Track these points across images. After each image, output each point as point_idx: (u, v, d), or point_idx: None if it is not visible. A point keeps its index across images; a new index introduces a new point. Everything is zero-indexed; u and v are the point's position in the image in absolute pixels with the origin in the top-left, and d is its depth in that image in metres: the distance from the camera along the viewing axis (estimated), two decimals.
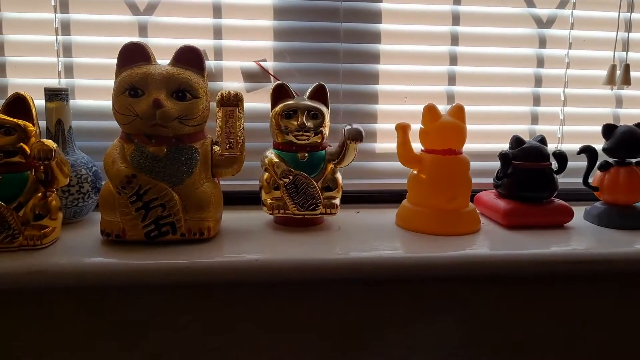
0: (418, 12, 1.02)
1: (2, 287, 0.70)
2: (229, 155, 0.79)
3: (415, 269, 0.76)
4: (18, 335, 0.74)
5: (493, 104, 1.07)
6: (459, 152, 0.86)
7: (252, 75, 0.99)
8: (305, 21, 0.99)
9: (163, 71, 0.74)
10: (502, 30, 1.05)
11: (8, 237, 0.71)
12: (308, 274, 0.74)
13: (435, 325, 0.82)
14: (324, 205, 0.85)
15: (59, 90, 0.84)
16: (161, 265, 0.71)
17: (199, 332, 0.77)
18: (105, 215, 0.76)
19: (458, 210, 0.85)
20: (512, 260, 0.78)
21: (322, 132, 0.85)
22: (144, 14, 0.95)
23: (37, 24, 0.94)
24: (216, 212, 0.80)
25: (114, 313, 0.75)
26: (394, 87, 1.04)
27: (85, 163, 0.86)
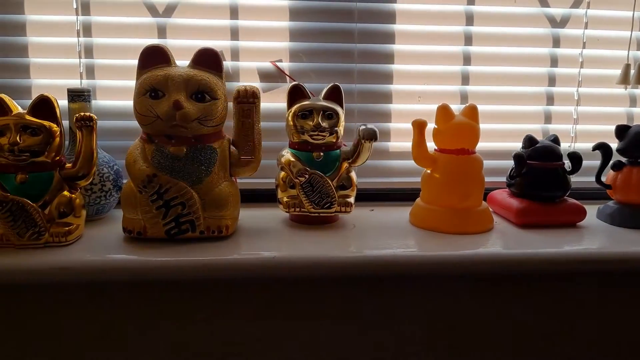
0: (432, 12, 1.03)
1: (29, 283, 0.73)
2: (247, 159, 0.81)
3: (429, 267, 0.77)
4: (43, 329, 0.77)
5: (506, 104, 1.08)
6: (472, 151, 0.87)
7: (268, 76, 1.01)
8: (320, 22, 1.01)
9: (183, 73, 0.76)
10: (516, 30, 1.05)
11: (34, 234, 0.74)
12: (324, 271, 0.76)
13: (449, 324, 0.83)
14: (339, 203, 0.87)
15: (81, 91, 0.86)
16: (181, 262, 0.73)
17: (217, 327, 0.79)
18: (127, 213, 0.78)
19: (471, 209, 0.87)
20: (525, 259, 0.79)
21: (337, 132, 0.87)
22: (163, 16, 0.97)
23: (60, 27, 0.96)
24: (234, 210, 0.82)
25: (135, 308, 0.78)
26: (408, 86, 1.05)
27: (107, 162, 0.88)
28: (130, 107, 0.96)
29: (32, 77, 0.97)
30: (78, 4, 0.96)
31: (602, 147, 0.94)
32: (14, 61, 0.96)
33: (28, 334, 0.77)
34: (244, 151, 0.81)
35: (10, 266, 0.71)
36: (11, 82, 0.96)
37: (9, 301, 0.76)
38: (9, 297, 0.76)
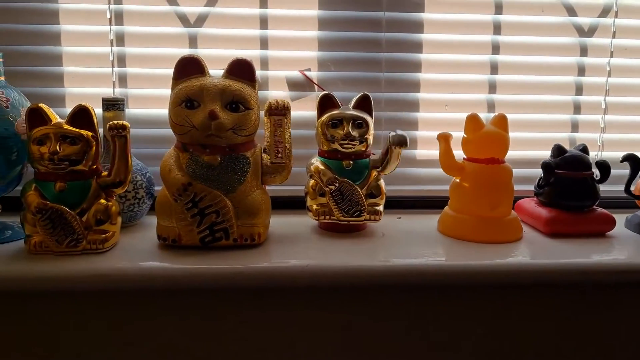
0: (459, 22, 1.04)
1: (68, 289, 0.74)
2: (278, 163, 0.82)
3: (458, 276, 0.78)
4: (80, 335, 0.78)
5: (533, 112, 1.08)
6: (502, 161, 0.87)
7: (297, 85, 1.02)
8: (348, 31, 1.02)
9: (218, 84, 0.77)
10: (544, 39, 1.06)
11: (73, 242, 0.75)
12: (356, 280, 0.76)
13: (477, 333, 0.83)
14: (368, 211, 0.87)
15: (115, 100, 0.88)
16: (216, 269, 0.74)
17: (249, 335, 0.80)
18: (161, 221, 0.80)
19: (500, 218, 0.87)
20: (555, 269, 0.79)
21: (366, 141, 0.87)
22: (194, 26, 0.99)
23: (94, 36, 0.98)
24: (265, 218, 0.83)
25: (169, 315, 0.79)
26: (435, 95, 1.05)
27: (140, 170, 0.90)
28: (162, 115, 0.99)
29: (66, 85, 0.99)
30: (112, 14, 0.98)
31: (630, 158, 0.94)
32: (49, 70, 0.98)
33: (65, 340, 0.78)
34: (275, 155, 0.82)
35: (49, 273, 0.72)
36: (46, 91, 0.98)
37: (47, 307, 0.77)
38: (47, 303, 0.77)
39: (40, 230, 0.75)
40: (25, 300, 0.77)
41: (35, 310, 0.77)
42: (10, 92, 0.82)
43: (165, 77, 0.91)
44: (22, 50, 0.97)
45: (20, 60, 0.96)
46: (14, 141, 0.80)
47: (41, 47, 0.98)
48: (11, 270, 0.73)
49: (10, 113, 0.80)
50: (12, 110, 0.80)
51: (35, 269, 0.73)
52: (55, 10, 0.97)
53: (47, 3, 0.97)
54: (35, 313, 0.77)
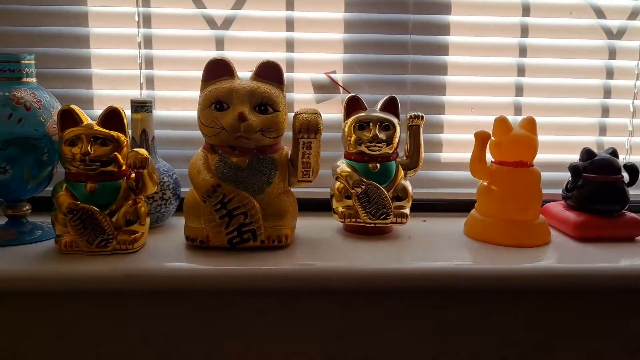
0: (486, 24, 1.03)
1: (99, 289, 0.75)
2: (305, 181, 0.82)
3: (485, 280, 0.77)
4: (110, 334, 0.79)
5: (560, 115, 1.07)
6: (531, 164, 0.87)
7: (322, 87, 1.02)
8: (374, 34, 1.02)
9: (247, 86, 0.77)
10: (572, 41, 1.05)
11: (103, 242, 0.76)
12: (383, 282, 0.76)
13: (504, 337, 0.83)
14: (394, 214, 0.87)
15: (144, 102, 0.89)
16: (244, 271, 0.74)
17: (276, 335, 0.80)
18: (189, 222, 0.80)
19: (529, 222, 0.86)
20: (584, 273, 0.78)
21: (393, 143, 0.87)
22: (221, 29, 1.00)
23: (122, 39, 0.99)
24: (292, 220, 0.83)
25: (197, 316, 0.79)
26: (461, 97, 1.05)
27: (167, 171, 0.90)
28: (188, 117, 1.00)
29: (94, 87, 1.00)
30: (140, 17, 0.99)
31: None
32: (78, 72, 1.00)
33: (94, 339, 0.79)
34: (302, 175, 0.81)
35: (79, 273, 0.73)
36: (75, 93, 1.00)
37: (77, 307, 0.78)
38: (77, 303, 0.78)
39: (71, 230, 0.76)
40: (56, 300, 0.78)
41: (65, 309, 0.78)
42: (42, 94, 0.83)
43: (192, 80, 0.92)
44: (52, 53, 0.98)
45: (50, 62, 0.98)
46: (44, 142, 0.81)
47: (71, 49, 0.99)
48: (42, 270, 0.74)
49: (42, 114, 0.81)
50: (44, 111, 0.81)
51: (66, 268, 0.74)
52: (84, 13, 0.98)
53: (77, 6, 0.98)
54: (65, 312, 0.78)
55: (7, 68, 0.80)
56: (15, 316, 0.78)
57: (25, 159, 0.80)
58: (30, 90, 0.82)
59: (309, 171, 0.82)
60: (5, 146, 0.78)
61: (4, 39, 0.98)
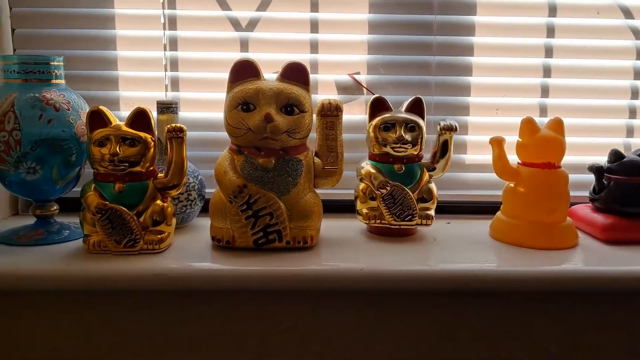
0: (512, 24, 1.02)
1: (126, 289, 0.76)
2: (331, 169, 0.82)
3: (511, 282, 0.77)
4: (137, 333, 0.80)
5: (587, 116, 1.06)
6: (558, 165, 0.86)
7: (346, 88, 1.02)
8: (398, 35, 1.02)
9: (273, 87, 0.78)
10: (599, 42, 1.04)
11: (130, 242, 0.77)
12: (409, 284, 0.76)
13: (530, 340, 0.82)
14: (419, 216, 0.87)
15: (169, 103, 0.89)
16: (270, 271, 0.74)
17: (301, 337, 0.80)
18: (215, 222, 0.81)
19: (556, 224, 0.85)
20: (613, 276, 0.77)
21: (418, 144, 0.87)
22: (246, 30, 1.00)
23: (147, 41, 1.00)
24: (318, 221, 0.83)
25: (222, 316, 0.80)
26: (486, 98, 1.04)
27: (192, 172, 0.91)
28: (212, 118, 1.00)
29: (120, 89, 1.01)
30: (165, 19, 0.99)
31: None
32: (105, 74, 1.01)
33: (122, 338, 0.80)
34: (327, 161, 0.82)
35: (107, 272, 0.74)
36: (101, 94, 1.01)
37: (105, 306, 0.79)
38: (105, 302, 0.79)
39: (99, 230, 0.77)
40: (83, 299, 0.78)
41: (93, 308, 0.79)
42: (71, 95, 0.84)
43: (216, 81, 0.92)
44: (80, 55, 0.99)
45: (78, 64, 0.99)
46: (72, 143, 0.82)
47: (98, 51, 1.00)
48: (70, 270, 0.75)
49: (70, 115, 0.82)
50: (72, 112, 0.82)
51: (94, 268, 0.74)
52: (111, 16, 0.99)
53: (104, 8, 0.99)
54: (92, 311, 0.79)
55: (37, 70, 0.81)
56: (44, 315, 0.79)
57: (53, 160, 0.81)
58: (60, 92, 0.83)
59: (334, 155, 0.82)
60: (35, 147, 0.79)
61: (34, 41, 0.99)
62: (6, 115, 0.78)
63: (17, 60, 0.82)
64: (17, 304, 0.79)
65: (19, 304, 0.79)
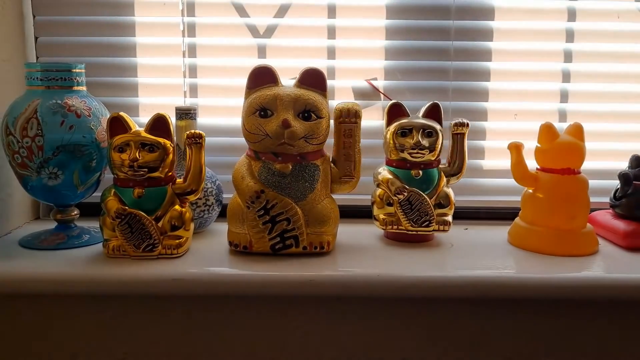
0: (530, 29, 1.02)
1: (145, 293, 0.77)
2: (347, 180, 0.83)
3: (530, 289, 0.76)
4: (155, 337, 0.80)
5: (606, 122, 1.04)
6: (578, 171, 0.85)
7: (363, 94, 1.02)
8: (416, 40, 1.02)
9: (291, 93, 0.78)
10: (619, 46, 1.02)
11: (149, 246, 0.78)
12: (427, 290, 0.76)
13: (549, 348, 0.81)
14: (436, 222, 0.86)
15: (188, 109, 0.90)
16: (287, 277, 0.75)
17: (317, 342, 0.81)
18: (233, 228, 0.81)
19: (576, 231, 0.84)
20: (632, 284, 0.76)
21: (436, 150, 0.87)
22: (264, 37, 1.01)
23: (167, 48, 1.02)
24: (334, 226, 0.83)
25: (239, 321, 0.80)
26: (504, 104, 1.04)
27: (210, 177, 0.91)
28: (230, 124, 1.01)
29: (139, 95, 1.02)
30: (184, 26, 1.01)
31: None
32: (125, 80, 1.02)
33: (140, 342, 0.80)
34: (344, 170, 0.82)
35: (126, 276, 0.75)
36: (121, 100, 1.02)
37: (124, 310, 0.80)
38: (124, 306, 0.80)
39: (118, 235, 0.77)
40: (102, 303, 0.80)
41: (112, 312, 0.80)
42: (91, 102, 0.85)
43: (234, 87, 0.93)
44: (101, 62, 1.01)
45: (98, 71, 1.00)
46: (92, 148, 0.83)
47: (118, 58, 1.01)
48: (90, 274, 0.76)
49: (91, 121, 0.83)
50: (93, 118, 0.83)
51: (113, 272, 0.75)
52: (131, 23, 1.00)
53: (125, 16, 1.00)
54: (111, 315, 0.80)
55: (59, 77, 0.83)
56: (63, 318, 0.80)
57: (74, 165, 0.82)
58: (81, 98, 0.84)
59: (351, 164, 0.82)
60: (57, 152, 0.80)
61: (56, 49, 1.01)
62: (29, 122, 0.80)
63: (40, 67, 0.83)
64: (37, 308, 0.80)
65: (39, 307, 0.80)
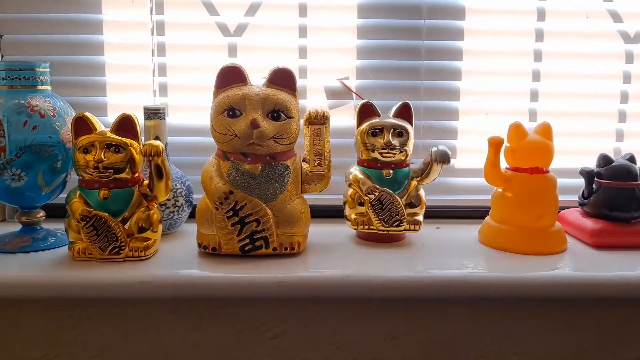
0: (500, 29, 1.02)
1: (111, 296, 0.75)
2: (318, 171, 0.82)
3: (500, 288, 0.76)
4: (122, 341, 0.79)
5: (576, 121, 1.06)
6: (547, 170, 0.86)
7: (336, 93, 1.02)
8: (387, 39, 1.01)
9: (259, 92, 0.77)
10: (588, 46, 1.04)
11: (115, 249, 0.76)
12: (397, 290, 0.76)
13: (520, 346, 0.81)
14: (407, 221, 0.86)
15: (157, 109, 0.89)
16: (257, 278, 0.74)
17: (288, 345, 0.80)
18: (202, 229, 0.80)
19: (545, 230, 0.85)
20: (600, 282, 0.77)
21: (406, 150, 0.87)
22: (234, 36, 1.00)
23: (135, 46, 1.00)
24: (305, 227, 0.82)
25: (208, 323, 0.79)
26: (475, 103, 1.04)
27: (180, 178, 0.90)
28: (201, 124, 1.00)
29: (107, 95, 1.01)
30: (153, 24, 0.99)
31: None
32: (92, 80, 1.00)
33: (107, 347, 0.79)
34: (314, 164, 0.82)
35: (92, 279, 0.73)
36: (88, 100, 1.00)
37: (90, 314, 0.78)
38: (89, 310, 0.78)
39: (84, 237, 0.76)
40: (68, 306, 0.78)
41: (78, 316, 0.78)
42: (57, 101, 0.83)
43: (205, 87, 0.91)
44: (67, 61, 0.99)
45: (65, 70, 0.98)
46: (58, 149, 0.81)
47: (85, 57, 1.00)
48: (55, 277, 0.74)
49: (56, 122, 0.81)
50: (58, 119, 0.82)
51: (79, 275, 0.74)
52: (99, 21, 0.99)
53: (91, 14, 0.98)
54: (77, 319, 0.78)
55: (22, 76, 0.81)
56: (28, 323, 0.78)
57: (39, 166, 0.80)
58: (45, 98, 0.82)
59: (321, 159, 0.82)
60: (20, 153, 0.78)
61: (22, 47, 0.99)
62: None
63: (3, 66, 0.81)
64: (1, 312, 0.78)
65: (3, 312, 0.78)
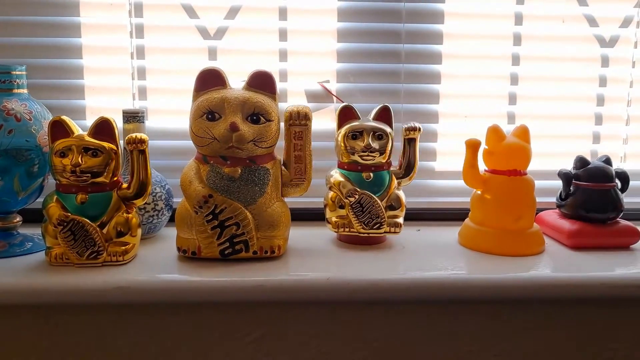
0: (479, 33, 1.03)
1: (89, 301, 0.74)
2: (298, 182, 0.82)
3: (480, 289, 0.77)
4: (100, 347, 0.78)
5: (554, 124, 1.07)
6: (524, 172, 0.87)
7: (315, 96, 1.02)
8: (367, 43, 1.02)
9: (239, 96, 0.77)
10: (564, 50, 1.05)
11: (93, 254, 0.75)
12: (377, 293, 0.76)
13: (498, 347, 0.82)
14: (388, 224, 0.87)
15: (135, 112, 0.88)
16: (237, 282, 0.74)
17: (269, 348, 0.80)
18: (181, 233, 0.80)
19: (523, 231, 0.86)
20: (578, 282, 0.78)
21: (386, 152, 0.87)
22: (214, 39, 1.00)
23: (114, 49, 0.99)
24: (285, 230, 0.82)
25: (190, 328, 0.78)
26: (454, 106, 1.05)
27: (159, 181, 0.90)
28: (180, 127, 0.99)
29: (86, 98, 1.00)
30: (132, 27, 0.98)
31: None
32: (70, 83, 0.99)
33: (85, 353, 0.78)
34: (295, 173, 0.82)
35: (70, 285, 0.72)
36: (67, 103, 0.99)
37: (68, 320, 0.77)
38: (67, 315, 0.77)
39: (61, 242, 0.75)
40: (45, 312, 0.77)
41: (55, 322, 0.77)
42: (33, 105, 0.82)
43: (185, 90, 0.91)
44: (44, 63, 0.98)
45: (42, 73, 0.97)
46: (35, 153, 0.80)
47: (63, 60, 0.99)
48: (32, 282, 0.73)
49: (33, 125, 0.80)
50: (35, 122, 0.81)
51: (56, 280, 0.73)
52: (77, 24, 0.98)
53: (69, 16, 0.98)
54: (54, 325, 0.77)
55: None
56: (4, 330, 0.77)
57: (15, 170, 0.79)
58: (21, 102, 0.81)
59: (301, 167, 0.82)
60: None
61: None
62: None
63: None
64: None
65: None
